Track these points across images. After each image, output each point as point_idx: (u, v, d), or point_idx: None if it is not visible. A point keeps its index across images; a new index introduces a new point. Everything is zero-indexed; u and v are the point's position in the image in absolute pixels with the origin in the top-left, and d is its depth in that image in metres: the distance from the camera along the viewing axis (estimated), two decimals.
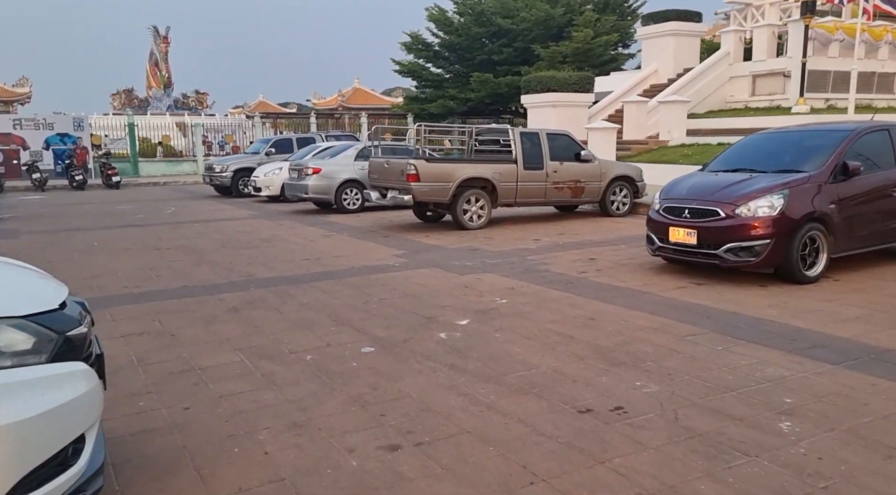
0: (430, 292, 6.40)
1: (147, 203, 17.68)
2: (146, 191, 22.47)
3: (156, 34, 57.88)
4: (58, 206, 16.97)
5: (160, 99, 56.69)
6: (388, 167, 11.06)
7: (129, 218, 13.91)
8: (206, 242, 10.16)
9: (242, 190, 19.20)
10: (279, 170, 17.11)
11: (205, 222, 12.90)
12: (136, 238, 10.78)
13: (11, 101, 49.45)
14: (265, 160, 19.52)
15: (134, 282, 7.16)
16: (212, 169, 19.58)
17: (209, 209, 15.71)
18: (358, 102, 57.25)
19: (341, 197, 14.07)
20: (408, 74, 34.27)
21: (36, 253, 9.34)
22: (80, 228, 12.17)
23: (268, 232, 11.29)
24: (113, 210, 15.77)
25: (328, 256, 8.68)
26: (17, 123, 26.62)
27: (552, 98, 21.38)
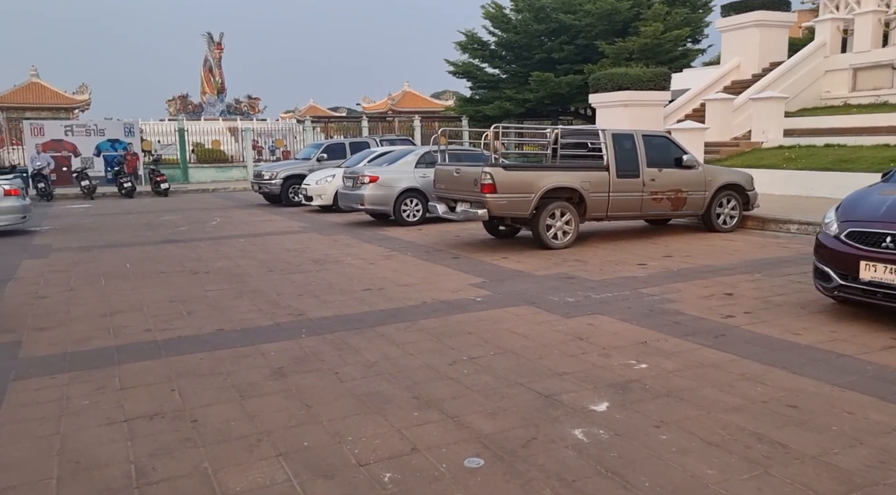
0: (535, 347, 4.82)
1: (192, 212, 16.63)
2: (194, 199, 21.57)
3: (210, 41, 58.32)
4: (101, 217, 16.06)
5: (213, 104, 57.01)
6: (457, 176, 9.53)
7: (170, 231, 12.78)
8: (250, 264, 8.82)
9: (292, 198, 18.01)
10: (331, 178, 15.83)
11: (250, 237, 11.63)
12: (173, 257, 9.54)
13: (72, 107, 50.08)
14: (316, 166, 18.31)
15: (159, 323, 5.80)
16: (260, 176, 18.46)
17: (256, 220, 14.51)
18: (408, 106, 56.34)
19: (400, 208, 12.62)
20: (462, 75, 32.76)
21: (59, 276, 8.15)
22: (116, 244, 11.04)
23: (320, 250, 9.91)
24: (156, 221, 14.72)
25: (393, 285, 7.20)
26: (69, 130, 26.22)
27: (624, 96, 19.53)
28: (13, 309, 6.41)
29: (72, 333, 5.50)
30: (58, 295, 7.05)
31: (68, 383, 4.26)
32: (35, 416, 3.72)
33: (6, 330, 5.64)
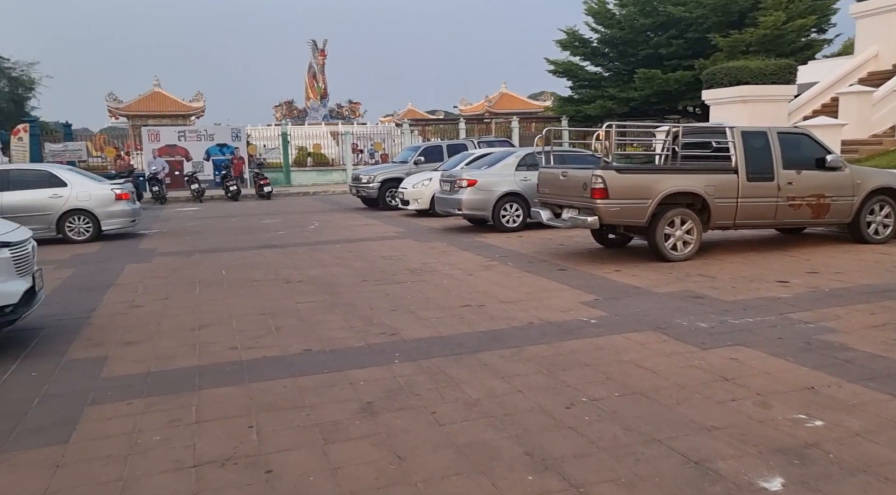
0: (670, 388, 4.00)
1: (292, 216, 16.71)
2: (295, 202, 21.85)
3: (314, 48, 60.19)
4: (206, 220, 16.43)
5: (317, 109, 58.82)
6: (564, 179, 8.74)
7: (269, 235, 12.74)
8: (345, 273, 8.42)
9: (389, 202, 17.76)
10: (428, 181, 15.39)
11: (347, 243, 11.33)
12: (268, 264, 9.33)
13: (188, 114, 52.98)
14: (413, 169, 17.98)
15: (246, 339, 5.42)
16: (358, 180, 18.34)
17: (353, 225, 14.28)
18: (505, 107, 55.68)
19: (500, 213, 11.95)
20: (562, 74, 31.65)
21: (157, 283, 8.07)
22: (216, 249, 11.04)
23: (417, 258, 9.40)
24: (257, 225, 14.82)
25: (494, 301, 6.53)
26: (182, 135, 27.41)
27: (743, 92, 17.91)
28: (107, 319, 6.27)
29: (157, 349, 5.21)
30: (152, 304, 6.89)
31: (143, 412, 3.89)
32: (101, 454, 3.34)
33: (96, 343, 5.44)
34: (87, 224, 12.14)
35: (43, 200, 11.84)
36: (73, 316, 6.43)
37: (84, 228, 12.13)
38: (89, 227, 12.15)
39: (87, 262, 9.93)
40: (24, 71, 45.90)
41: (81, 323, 6.12)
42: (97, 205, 12.16)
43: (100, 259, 10.27)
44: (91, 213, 12.13)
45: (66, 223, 12.02)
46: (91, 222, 12.15)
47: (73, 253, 10.97)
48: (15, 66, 45.21)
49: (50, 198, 11.88)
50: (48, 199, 11.87)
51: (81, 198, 12.05)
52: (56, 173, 12.14)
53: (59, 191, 11.96)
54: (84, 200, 12.07)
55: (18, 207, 11.65)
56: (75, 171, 12.60)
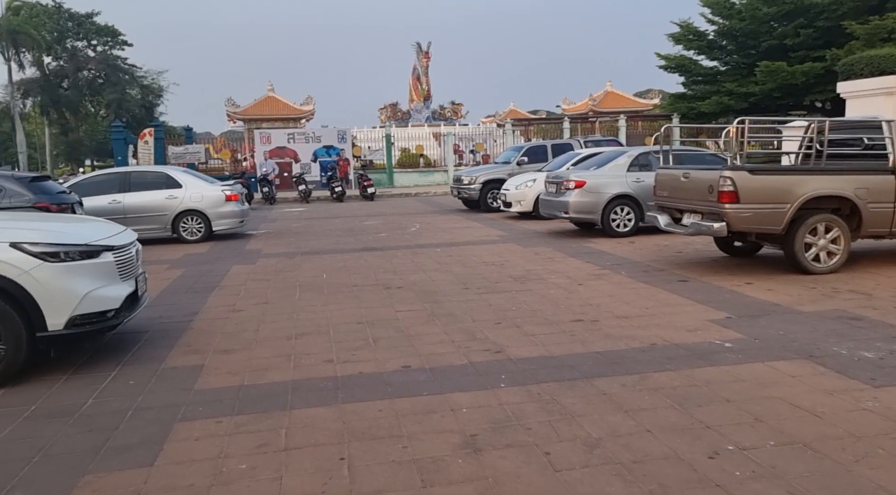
0: (840, 438, 3.26)
1: (394, 217, 16.63)
2: (397, 203, 21.90)
3: (419, 50, 60.85)
4: (311, 221, 16.66)
5: (420, 111, 59.39)
6: (686, 181, 7.92)
7: (370, 237, 12.63)
8: (446, 279, 8.04)
9: (491, 204, 17.32)
10: (532, 183, 14.82)
11: (448, 246, 10.98)
12: (368, 268, 9.12)
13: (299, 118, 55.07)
14: (516, 170, 17.45)
15: (343, 351, 5.13)
16: (460, 181, 18.02)
17: (454, 227, 13.94)
18: (610, 106, 53.99)
19: (609, 217, 11.19)
20: (675, 69, 30.00)
21: (259, 286, 8.03)
22: (318, 251, 11.01)
23: (520, 265, 8.88)
24: (358, 226, 14.82)
25: (608, 316, 5.91)
26: (291, 137, 28.27)
27: (889, 83, 15.99)
28: (207, 324, 6.20)
29: (253, 360, 5.01)
30: (252, 308, 6.80)
31: (232, 432, 3.63)
32: (183, 483, 3.07)
33: (194, 349, 5.33)
34: (199, 224, 12.51)
35: (160, 201, 12.31)
36: (175, 319, 6.41)
37: (196, 228, 12.51)
38: (201, 228, 12.52)
39: (196, 263, 10.15)
40: (154, 79, 49.47)
41: (183, 327, 6.08)
42: (209, 206, 12.51)
43: (208, 259, 10.48)
44: (203, 214, 12.49)
45: (181, 223, 12.44)
46: (203, 223, 12.51)
47: (185, 252, 11.29)
48: (147, 74, 48.82)
49: (166, 199, 12.33)
50: (165, 200, 12.32)
51: (195, 199, 12.43)
52: (172, 175, 12.60)
53: (175, 192, 12.40)
54: (197, 201, 12.44)
55: (139, 208, 12.18)
56: (190, 173, 13.08)
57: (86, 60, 44.36)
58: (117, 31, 45.57)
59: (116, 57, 45.99)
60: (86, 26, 44.22)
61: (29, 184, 9.20)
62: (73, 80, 44.65)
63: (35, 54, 39.18)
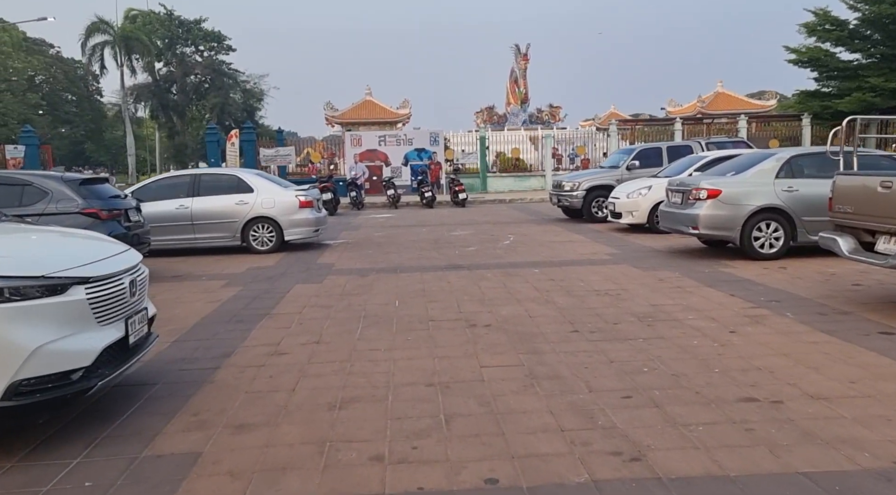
0: None
1: (485, 227, 14.98)
2: (490, 210, 20.25)
3: (517, 52, 59.31)
4: (395, 229, 15.31)
5: (517, 114, 57.82)
6: (887, 193, 5.76)
7: (457, 252, 11.03)
8: (546, 315, 6.28)
9: (596, 213, 15.35)
10: (647, 191, 12.76)
11: (547, 266, 9.20)
12: (451, 293, 7.50)
13: (395, 121, 54.72)
14: (626, 176, 15.38)
15: (398, 442, 3.50)
16: (560, 187, 16.12)
17: (554, 241, 12.10)
18: (720, 108, 50.23)
19: (751, 234, 9.02)
20: (806, 64, 26.65)
21: (318, 314, 6.59)
22: (396, 268, 9.52)
23: (643, 296, 6.98)
24: (446, 237, 13.27)
25: (796, 394, 3.97)
26: (382, 140, 27.26)
27: None
28: (235, 375, 4.76)
29: (272, 447, 3.48)
30: (298, 350, 5.32)
31: None
32: None
33: (202, 420, 3.88)
34: (270, 233, 11.36)
35: (230, 207, 11.26)
36: (199, 364, 5.03)
37: (267, 237, 11.37)
38: (272, 237, 11.36)
39: (256, 279, 8.91)
40: (255, 83, 50.49)
41: (202, 378, 4.67)
42: (281, 213, 11.34)
43: (272, 275, 9.23)
44: (275, 222, 11.33)
45: (251, 231, 11.33)
46: (274, 231, 11.35)
47: (249, 265, 10.13)
48: (248, 79, 49.88)
49: (237, 205, 11.27)
50: (235, 206, 11.26)
51: (266, 205, 11.30)
52: (244, 178, 11.53)
53: (246, 197, 11.31)
54: (269, 208, 11.30)
55: (208, 214, 11.19)
56: (263, 177, 11.95)
57: (193, 65, 45.74)
58: (223, 36, 46.80)
59: (221, 62, 47.18)
60: (194, 32, 45.60)
61: (79, 188, 8.24)
62: (181, 85, 46.16)
63: (146, 60, 40.62)
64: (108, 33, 37.67)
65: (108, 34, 37.73)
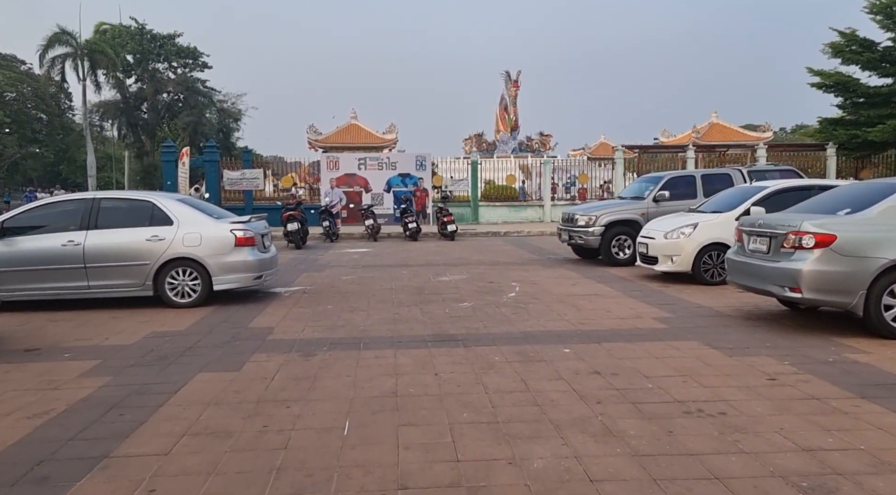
0: None
1: (482, 269, 12.07)
2: (484, 245, 17.36)
3: (507, 79, 57.40)
4: (370, 270, 12.34)
5: (506, 142, 55.72)
6: None
7: (447, 310, 8.07)
8: (617, 468, 3.33)
9: (617, 254, 12.53)
10: (690, 229, 9.95)
11: (580, 341, 6.27)
12: (440, 401, 4.53)
13: (382, 146, 51.99)
14: (653, 208, 12.64)
15: None
16: (572, 221, 13.27)
17: (575, 294, 9.21)
18: (715, 139, 48.24)
19: (880, 302, 6.17)
20: (831, 89, 24.28)
21: (199, 461, 3.59)
22: (361, 341, 6.55)
23: (766, 422, 4.05)
24: (433, 284, 10.33)
25: None
26: (362, 163, 24.44)
27: None
28: None
29: None
30: None
31: None
32: None
33: None
34: (193, 280, 8.36)
35: (139, 244, 8.26)
36: None
37: (190, 286, 8.37)
38: (196, 285, 8.37)
39: (146, 359, 5.89)
40: (233, 103, 47.69)
41: None
42: (209, 253, 8.37)
43: (174, 349, 6.21)
44: (200, 264, 8.35)
45: (168, 278, 8.32)
46: (200, 277, 8.36)
47: (152, 329, 7.12)
48: (225, 98, 47.07)
49: (148, 242, 8.27)
50: (145, 243, 8.27)
51: (189, 241, 8.32)
52: (161, 205, 8.53)
53: (162, 230, 8.33)
54: (192, 246, 8.33)
55: (106, 253, 8.19)
56: (188, 203, 8.91)
57: (165, 82, 42.87)
58: (198, 52, 44.04)
59: (196, 79, 44.38)
60: (167, 48, 42.84)
61: None
62: (152, 102, 43.24)
63: (111, 74, 37.70)
64: (70, 45, 34.80)
65: (70, 46, 34.86)
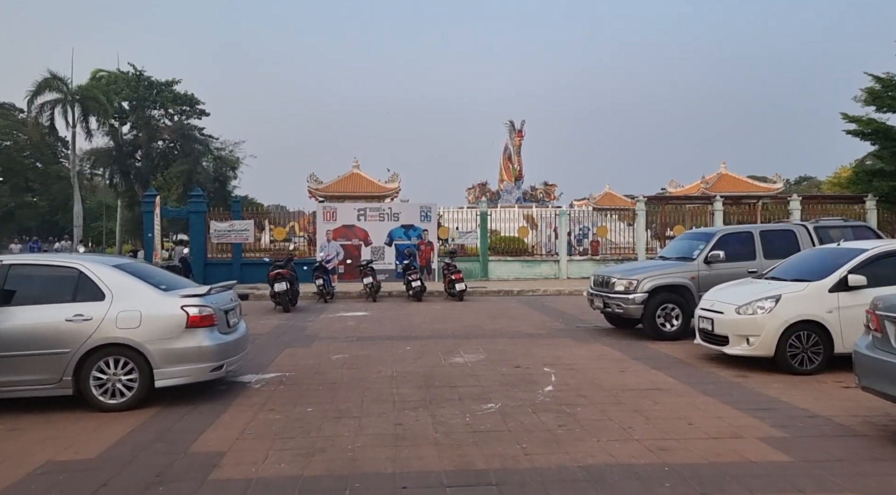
0: None
1: (502, 345, 9.95)
2: (498, 308, 15.25)
3: (511, 128, 56.64)
4: (367, 344, 10.21)
5: (510, 191, 54.52)
6: None
7: (468, 418, 5.91)
8: None
9: (663, 327, 10.44)
10: (771, 303, 7.87)
11: (658, 478, 4.13)
12: None
13: (384, 196, 50.50)
14: (704, 271, 10.67)
15: None
16: (607, 285, 11.18)
17: (627, 386, 7.06)
18: (724, 189, 46.91)
19: None
20: (869, 136, 22.57)
21: None
22: (345, 483, 4.40)
23: None
24: (444, 368, 8.19)
25: None
26: (362, 214, 22.50)
27: None
28: None
29: None
30: None
31: None
32: None
33: None
34: (129, 374, 6.25)
35: (55, 326, 6.17)
36: None
37: (124, 382, 6.25)
38: (132, 380, 6.25)
39: None
40: (231, 150, 46.27)
41: None
42: (152, 337, 6.28)
43: None
44: (139, 353, 6.25)
45: (94, 371, 6.21)
46: (137, 370, 6.25)
47: (51, 455, 4.98)
48: (223, 145, 45.68)
49: (69, 323, 6.19)
50: (65, 325, 6.18)
51: (125, 322, 6.25)
52: (91, 273, 6.47)
53: (89, 308, 6.26)
54: (129, 327, 6.24)
55: (9, 338, 6.09)
56: (128, 271, 6.76)
57: (160, 130, 41.49)
58: (196, 99, 42.82)
59: (193, 126, 43.03)
60: (164, 94, 41.64)
61: None
62: (146, 150, 41.78)
63: (102, 120, 36.27)
64: (59, 90, 33.47)
65: (60, 91, 33.53)
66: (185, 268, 17.29)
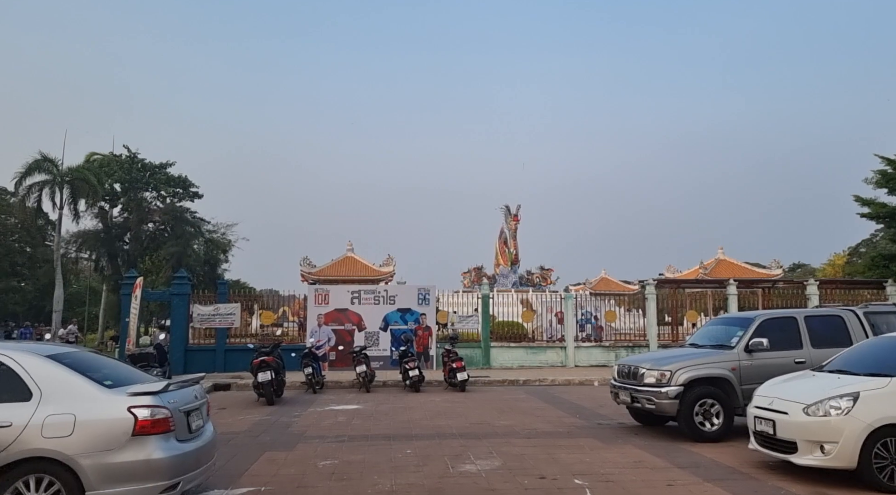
0: None
1: (518, 447, 8.49)
2: (504, 400, 13.76)
3: (507, 213, 56.50)
4: (359, 447, 8.72)
5: (506, 275, 53.65)
6: None
7: None
8: None
9: (702, 426, 9.05)
10: (849, 402, 6.59)
11: None
12: None
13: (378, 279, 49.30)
14: (746, 360, 9.43)
15: None
16: (634, 377, 9.85)
17: None
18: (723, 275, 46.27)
19: None
20: (884, 218, 21.86)
21: None
22: None
23: None
24: (453, 483, 6.73)
25: None
26: (356, 297, 21.23)
27: None
28: None
29: None
30: None
31: None
32: None
33: None
34: None
35: None
36: None
37: None
38: None
39: None
40: (223, 233, 45.43)
41: None
42: (86, 449, 4.89)
43: None
44: (68, 468, 4.84)
45: (10, 493, 4.78)
46: (64, 491, 4.82)
47: None
48: (215, 228, 44.88)
49: None
50: None
51: (54, 429, 4.88)
52: (16, 365, 5.15)
53: (8, 411, 4.91)
54: (58, 436, 4.87)
55: None
56: (65, 362, 5.37)
57: (151, 212, 40.73)
58: (189, 181, 42.36)
59: (184, 209, 42.33)
60: (157, 176, 41.19)
61: None
62: (136, 232, 40.85)
63: (91, 202, 35.49)
64: (49, 172, 32.86)
65: (50, 173, 32.90)
66: (159, 355, 15.79)
